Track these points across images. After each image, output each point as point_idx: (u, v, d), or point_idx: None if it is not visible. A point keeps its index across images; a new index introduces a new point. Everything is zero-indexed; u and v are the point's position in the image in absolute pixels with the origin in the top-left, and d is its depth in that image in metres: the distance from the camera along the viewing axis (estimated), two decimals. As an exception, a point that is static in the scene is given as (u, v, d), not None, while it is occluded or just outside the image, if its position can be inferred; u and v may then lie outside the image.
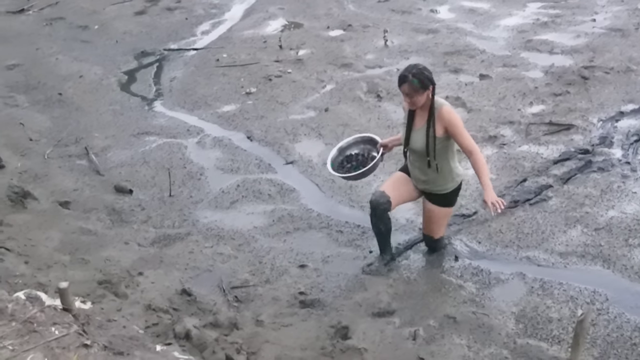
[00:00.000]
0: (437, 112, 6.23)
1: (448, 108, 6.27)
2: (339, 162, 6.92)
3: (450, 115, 6.22)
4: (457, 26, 12.97)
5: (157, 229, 7.67)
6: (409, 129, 6.46)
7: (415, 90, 6.14)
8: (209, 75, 11.66)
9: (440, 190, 6.57)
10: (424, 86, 6.16)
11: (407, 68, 6.24)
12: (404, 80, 6.16)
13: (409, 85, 6.13)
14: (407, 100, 6.24)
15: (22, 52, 12.95)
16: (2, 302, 5.24)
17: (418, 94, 6.16)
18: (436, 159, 6.36)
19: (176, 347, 5.50)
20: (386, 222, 6.70)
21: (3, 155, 8.93)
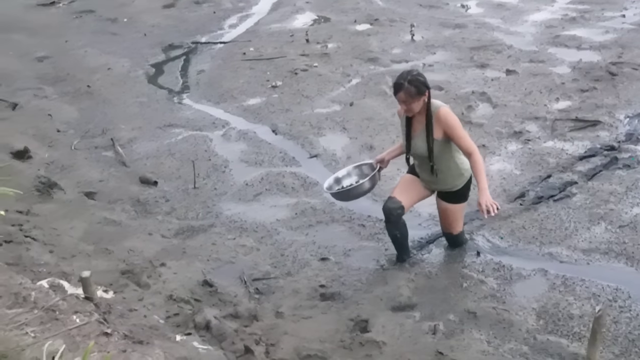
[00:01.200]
0: (435, 114, 6.20)
1: (445, 109, 6.24)
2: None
3: (448, 117, 6.19)
4: (484, 21, 12.93)
5: (180, 220, 7.72)
6: (409, 135, 6.44)
7: (412, 97, 6.09)
8: (235, 68, 11.71)
9: (451, 188, 6.54)
10: (420, 92, 6.12)
11: (401, 75, 6.19)
12: (400, 87, 6.10)
13: (405, 92, 6.08)
14: (404, 107, 6.19)
15: (51, 44, 13.07)
16: (26, 290, 5.31)
17: (414, 100, 6.12)
18: (440, 161, 6.36)
19: (196, 337, 5.54)
20: (401, 227, 6.68)
21: (31, 146, 9.02)
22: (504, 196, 7.71)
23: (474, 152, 6.16)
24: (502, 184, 7.91)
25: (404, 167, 6.89)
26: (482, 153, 8.35)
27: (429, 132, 6.25)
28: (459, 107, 9.62)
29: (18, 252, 6.43)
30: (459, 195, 6.61)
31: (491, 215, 6.00)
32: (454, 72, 10.88)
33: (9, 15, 14.56)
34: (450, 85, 10.41)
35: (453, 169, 6.43)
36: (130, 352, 4.74)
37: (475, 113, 9.55)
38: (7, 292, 5.20)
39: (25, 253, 6.43)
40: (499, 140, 8.81)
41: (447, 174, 6.44)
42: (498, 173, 8.14)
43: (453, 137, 6.20)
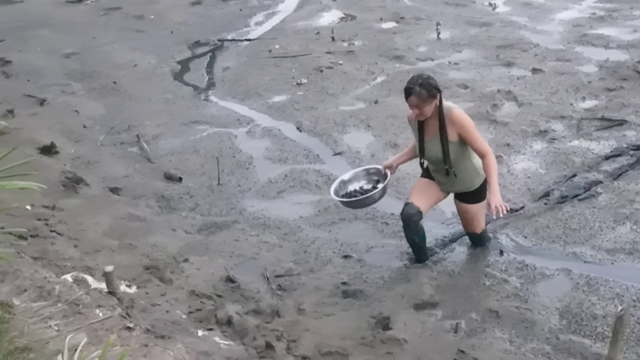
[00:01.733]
0: (448, 116, 6.17)
1: (458, 111, 6.23)
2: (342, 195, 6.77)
3: (462, 118, 6.18)
4: (511, 19, 12.88)
5: (204, 216, 7.76)
6: (422, 140, 6.41)
7: (423, 101, 6.08)
8: (261, 65, 11.74)
9: (469, 188, 6.52)
10: (431, 95, 6.10)
11: (411, 80, 6.17)
12: (410, 92, 6.08)
13: (417, 97, 6.07)
14: (416, 111, 6.15)
15: (79, 40, 13.16)
16: (50, 284, 5.36)
17: (426, 104, 6.10)
18: (456, 163, 6.35)
19: (217, 333, 5.57)
20: (420, 232, 6.67)
21: (58, 141, 9.10)
22: (528, 195, 7.69)
23: (487, 154, 6.17)
24: (526, 183, 7.88)
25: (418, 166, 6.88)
26: (507, 152, 8.39)
27: (443, 136, 6.23)
28: (484, 106, 9.60)
29: (43, 246, 6.50)
30: (477, 194, 6.58)
31: (500, 217, 6.08)
32: (479, 71, 10.84)
33: (38, 12, 14.69)
34: (476, 83, 10.38)
35: (470, 170, 6.41)
36: (152, 347, 4.78)
37: (500, 112, 9.51)
38: (32, 286, 5.26)
39: (50, 247, 6.49)
40: (524, 139, 8.78)
41: (464, 175, 6.43)
42: (523, 172, 8.11)
43: (467, 139, 6.19)
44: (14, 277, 5.31)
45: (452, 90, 10.22)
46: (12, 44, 12.99)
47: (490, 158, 6.16)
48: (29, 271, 5.47)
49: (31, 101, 10.50)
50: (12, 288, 5.11)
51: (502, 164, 8.24)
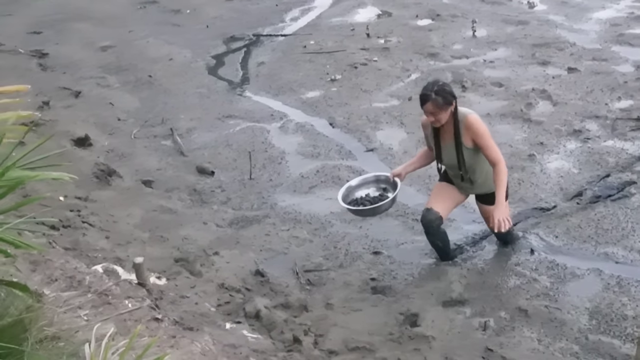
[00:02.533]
0: (463, 122, 6.15)
1: (474, 117, 6.19)
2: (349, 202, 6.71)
3: (476, 124, 6.15)
4: (547, 18, 12.78)
5: (235, 210, 7.79)
6: (438, 146, 6.39)
7: (440, 108, 6.04)
8: (295, 61, 11.75)
9: (489, 190, 6.42)
10: (447, 102, 6.06)
11: (426, 87, 6.13)
12: (427, 99, 6.03)
13: (433, 104, 6.02)
14: (432, 118, 6.11)
15: (115, 34, 13.24)
16: (81, 274, 5.41)
17: (442, 111, 6.06)
18: (474, 167, 6.33)
19: (245, 326, 5.60)
20: (442, 236, 6.66)
21: (92, 133, 9.17)
22: (560, 194, 7.63)
23: (499, 163, 6.12)
24: (559, 182, 7.82)
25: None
26: (540, 151, 8.34)
27: (458, 142, 6.21)
28: (518, 104, 9.54)
29: (75, 237, 6.55)
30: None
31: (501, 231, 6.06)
32: (514, 69, 10.77)
33: (76, 5, 14.80)
34: (511, 82, 10.31)
35: (489, 173, 6.34)
36: (180, 338, 4.81)
37: (534, 110, 9.44)
38: (63, 276, 5.30)
39: (82, 238, 6.55)
40: (557, 139, 8.71)
41: (484, 179, 6.41)
42: (556, 171, 8.05)
43: (480, 145, 6.16)
44: (45, 266, 5.36)
45: (487, 88, 10.17)
46: (49, 36, 13.10)
47: (500, 167, 6.12)
48: (59, 261, 5.52)
49: (67, 93, 10.59)
50: (43, 277, 5.16)
51: (535, 163, 8.21)
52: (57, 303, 4.62)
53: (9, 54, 12.01)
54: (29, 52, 12.21)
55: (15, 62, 11.59)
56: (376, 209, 6.59)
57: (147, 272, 5.60)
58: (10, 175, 3.69)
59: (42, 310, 3.84)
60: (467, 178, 6.42)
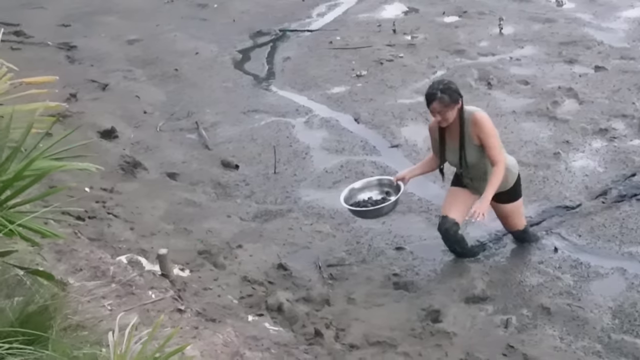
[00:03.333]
0: (470, 120, 6.15)
1: (481, 114, 6.21)
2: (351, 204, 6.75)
3: (483, 122, 6.16)
4: (575, 16, 12.70)
5: (259, 204, 7.82)
6: (443, 146, 6.42)
7: (446, 106, 6.06)
8: (321, 56, 11.76)
9: (503, 188, 6.40)
10: (453, 100, 6.08)
11: (432, 86, 6.16)
12: (433, 98, 6.06)
13: (439, 102, 6.05)
14: (439, 117, 6.13)
15: (142, 27, 13.30)
16: (105, 265, 5.46)
17: (449, 110, 6.09)
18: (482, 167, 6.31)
19: (267, 319, 5.63)
20: (460, 242, 6.67)
21: (118, 126, 9.23)
22: (585, 193, 7.61)
23: (498, 163, 6.12)
24: (584, 181, 7.80)
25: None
26: (566, 149, 8.32)
27: (462, 140, 6.22)
28: (544, 102, 9.50)
29: (100, 227, 6.61)
30: (512, 193, 6.54)
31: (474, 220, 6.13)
32: (541, 67, 10.72)
33: (104, -1, 14.90)
34: (537, 79, 10.27)
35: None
36: (202, 329, 4.85)
37: (560, 109, 9.40)
38: (88, 266, 5.36)
39: (107, 229, 6.60)
40: (583, 137, 8.67)
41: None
42: (581, 170, 8.02)
43: (484, 143, 6.16)
44: (70, 256, 5.42)
45: (513, 86, 10.13)
46: (78, 29, 13.18)
47: (499, 167, 6.12)
48: (84, 251, 5.58)
49: (94, 86, 10.66)
50: (68, 267, 5.22)
51: (560, 161, 8.19)
52: (81, 292, 4.67)
53: (38, 47, 12.11)
54: (58, 44, 12.30)
55: (43, 54, 11.68)
56: (377, 210, 6.64)
57: (170, 264, 5.65)
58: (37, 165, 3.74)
59: (66, 299, 3.88)
60: (468, 176, 6.44)
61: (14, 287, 3.73)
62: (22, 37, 12.42)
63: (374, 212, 6.69)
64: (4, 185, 3.53)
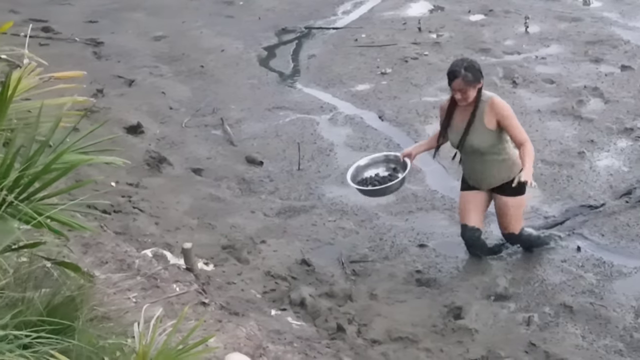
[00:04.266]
0: (487, 104, 6.16)
1: (498, 99, 6.24)
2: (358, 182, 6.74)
3: (502, 106, 6.20)
4: (602, 15, 12.65)
5: (283, 200, 7.86)
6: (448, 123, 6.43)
7: (469, 84, 6.06)
8: (346, 54, 11.78)
9: (508, 178, 6.30)
10: (476, 79, 6.10)
11: (455, 63, 6.16)
12: (456, 75, 6.05)
13: (462, 80, 6.04)
14: (459, 96, 6.13)
15: (169, 24, 13.38)
16: (130, 258, 5.54)
17: (470, 88, 6.09)
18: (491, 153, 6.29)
19: (290, 313, 5.68)
20: (483, 247, 6.72)
21: (144, 121, 9.30)
22: (609, 192, 7.60)
23: (526, 142, 6.13)
24: (608, 180, 7.79)
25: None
26: (590, 148, 8.30)
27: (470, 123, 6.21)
28: (569, 101, 9.48)
29: (126, 221, 6.68)
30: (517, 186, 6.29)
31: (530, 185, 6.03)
32: (566, 66, 10.70)
33: (132, -5, 14.97)
34: (562, 78, 10.25)
35: (506, 160, 6.33)
36: (226, 322, 4.91)
37: (585, 108, 9.38)
38: (113, 259, 5.43)
39: (132, 223, 6.68)
40: (608, 136, 8.65)
41: (501, 165, 6.34)
42: (605, 169, 8.01)
43: (507, 127, 6.16)
44: (96, 249, 5.50)
45: (538, 84, 10.12)
46: (105, 25, 13.27)
47: (528, 146, 6.12)
48: (110, 244, 5.66)
49: (120, 82, 10.74)
50: (94, 260, 5.29)
51: (585, 160, 8.18)
52: (107, 284, 4.74)
53: (65, 42, 12.20)
54: (85, 40, 12.39)
55: (71, 50, 11.77)
56: (385, 189, 6.65)
57: (195, 258, 5.71)
58: (65, 159, 3.79)
59: (92, 291, 3.93)
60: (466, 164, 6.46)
61: (41, 279, 3.79)
62: (50, 33, 12.52)
63: (381, 191, 6.69)
64: (33, 178, 3.58)
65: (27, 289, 3.53)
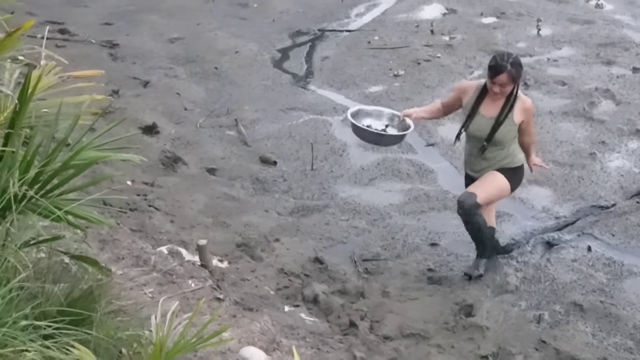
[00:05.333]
0: (521, 101, 6.17)
1: (528, 99, 6.32)
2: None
3: (532, 106, 6.32)
4: (614, 18, 12.70)
5: (296, 199, 7.95)
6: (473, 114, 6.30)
7: (512, 80, 6.02)
8: (359, 56, 11.85)
9: (509, 164, 6.34)
10: (519, 75, 6.11)
11: (501, 57, 6.06)
12: (503, 69, 5.96)
13: (508, 75, 5.98)
14: (498, 90, 6.04)
15: (184, 26, 13.46)
16: (147, 254, 5.63)
17: (512, 84, 6.06)
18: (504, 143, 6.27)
19: (303, 309, 5.76)
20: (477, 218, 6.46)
21: (159, 122, 9.38)
22: (620, 193, 7.68)
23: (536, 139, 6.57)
24: (619, 181, 7.86)
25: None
26: (602, 149, 8.38)
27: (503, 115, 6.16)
28: (581, 103, 9.55)
29: (142, 219, 6.77)
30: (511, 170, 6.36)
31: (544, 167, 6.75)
32: (578, 68, 10.76)
33: (147, -3, 15.08)
34: (574, 80, 10.31)
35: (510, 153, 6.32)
36: (240, 317, 5.00)
37: (597, 109, 9.44)
38: (130, 255, 5.52)
39: (148, 221, 6.76)
40: (619, 138, 8.72)
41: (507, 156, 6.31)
42: (616, 170, 8.08)
43: (528, 124, 6.27)
44: (113, 245, 5.59)
45: (550, 86, 10.18)
46: (121, 27, 13.37)
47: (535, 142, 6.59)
48: (127, 241, 5.74)
49: (136, 83, 10.83)
50: (111, 256, 5.38)
51: (596, 161, 8.27)
52: (123, 280, 4.83)
53: (82, 44, 12.29)
54: (101, 42, 12.49)
55: (87, 52, 11.87)
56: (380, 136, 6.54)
57: (209, 255, 5.80)
58: (84, 156, 3.88)
59: (110, 285, 4.02)
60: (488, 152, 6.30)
61: (59, 274, 3.88)
62: (66, 35, 12.63)
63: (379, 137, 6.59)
64: (53, 174, 3.67)
65: (46, 282, 3.62)
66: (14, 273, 3.35)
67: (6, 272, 3.31)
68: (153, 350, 3.40)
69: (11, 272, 3.35)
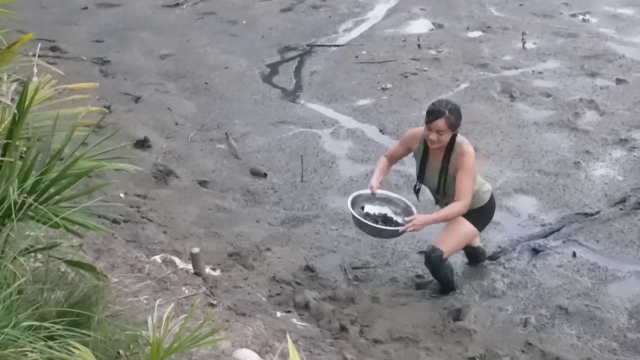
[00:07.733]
0: (457, 149, 6.04)
1: (469, 147, 6.07)
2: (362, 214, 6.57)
3: (468, 156, 6.02)
4: (598, 31, 12.88)
5: (287, 210, 8.07)
6: (424, 167, 6.31)
7: (449, 127, 5.91)
8: (347, 70, 11.99)
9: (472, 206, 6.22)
10: (457, 124, 5.96)
11: (439, 103, 5.96)
12: (440, 115, 5.85)
13: (445, 121, 5.86)
14: (435, 137, 5.91)
15: (174, 43, 13.59)
16: (141, 263, 5.75)
17: (450, 132, 5.95)
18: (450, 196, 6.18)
19: (295, 315, 5.89)
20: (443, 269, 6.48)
21: (151, 136, 9.50)
22: (604, 200, 7.82)
23: (462, 201, 5.98)
24: (603, 189, 8.01)
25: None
26: (586, 159, 8.52)
27: (444, 168, 6.11)
28: (565, 114, 9.71)
29: (135, 230, 6.90)
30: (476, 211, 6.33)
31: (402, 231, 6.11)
32: (563, 80, 10.93)
33: (137, 15, 15.14)
34: (559, 92, 10.48)
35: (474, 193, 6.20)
36: (233, 322, 5.12)
37: (581, 120, 9.61)
38: (125, 263, 5.64)
39: (141, 232, 6.88)
40: (603, 147, 8.88)
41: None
42: (600, 178, 8.23)
43: (458, 175, 6.02)
44: (108, 255, 5.71)
45: (535, 98, 10.34)
46: (111, 44, 13.48)
47: (461, 204, 6.00)
48: (121, 250, 5.87)
49: (127, 98, 10.95)
50: (106, 264, 5.49)
51: (581, 170, 8.40)
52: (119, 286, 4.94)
53: (73, 61, 12.42)
54: (92, 59, 12.63)
55: (79, 69, 12.00)
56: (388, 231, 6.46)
57: (203, 262, 5.92)
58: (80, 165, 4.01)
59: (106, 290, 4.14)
60: (443, 203, 6.34)
61: (56, 281, 4.00)
62: (57, 52, 12.76)
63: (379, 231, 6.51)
64: (50, 183, 3.80)
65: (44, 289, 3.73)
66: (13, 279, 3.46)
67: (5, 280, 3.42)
68: (150, 350, 3.52)
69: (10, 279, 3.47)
